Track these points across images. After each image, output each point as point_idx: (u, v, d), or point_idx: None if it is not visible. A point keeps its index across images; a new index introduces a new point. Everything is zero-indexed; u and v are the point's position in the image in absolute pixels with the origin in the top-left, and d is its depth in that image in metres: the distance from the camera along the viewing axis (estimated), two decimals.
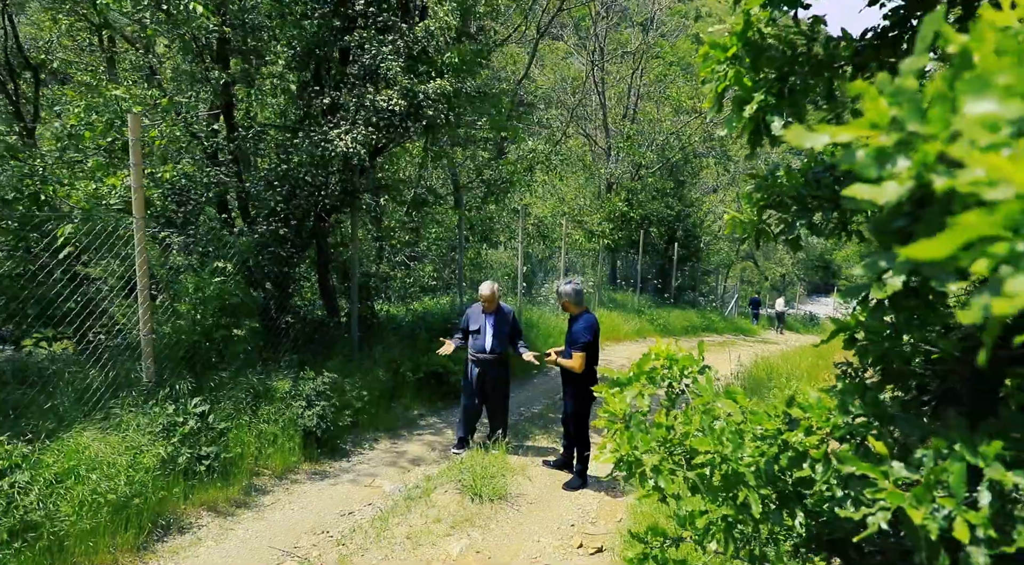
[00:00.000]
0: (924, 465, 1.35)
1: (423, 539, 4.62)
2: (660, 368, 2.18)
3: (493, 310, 6.26)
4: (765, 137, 1.79)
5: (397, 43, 6.63)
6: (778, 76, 1.67)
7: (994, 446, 1.26)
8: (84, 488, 3.87)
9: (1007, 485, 1.25)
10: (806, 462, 1.71)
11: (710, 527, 2.02)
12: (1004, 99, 0.52)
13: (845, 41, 2.09)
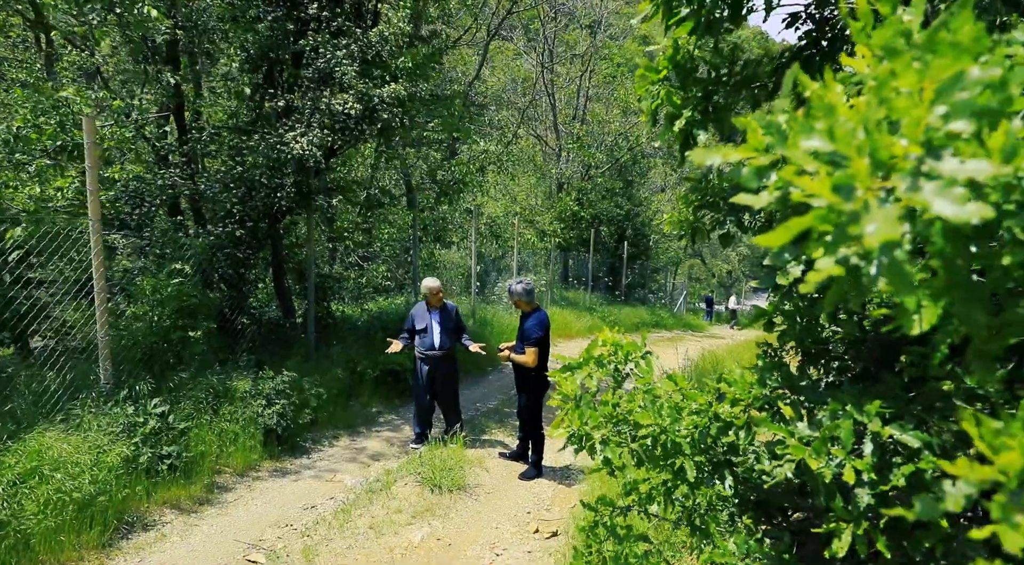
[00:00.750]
0: (823, 425, 1.62)
1: (385, 529, 4.78)
2: (607, 353, 2.42)
3: (439, 306, 6.38)
4: (692, 147, 2.05)
5: (351, 47, 6.75)
6: (703, 95, 1.93)
7: (874, 405, 1.53)
8: (48, 487, 3.92)
9: (884, 436, 1.52)
10: (731, 430, 1.98)
11: (652, 493, 2.28)
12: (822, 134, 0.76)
13: (768, 59, 2.38)
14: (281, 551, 4.34)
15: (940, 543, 1.55)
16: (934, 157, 0.68)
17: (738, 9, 1.73)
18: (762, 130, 0.98)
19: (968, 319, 0.82)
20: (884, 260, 0.67)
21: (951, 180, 0.65)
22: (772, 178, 0.97)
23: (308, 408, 6.35)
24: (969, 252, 0.79)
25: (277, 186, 6.96)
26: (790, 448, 1.56)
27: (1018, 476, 0.69)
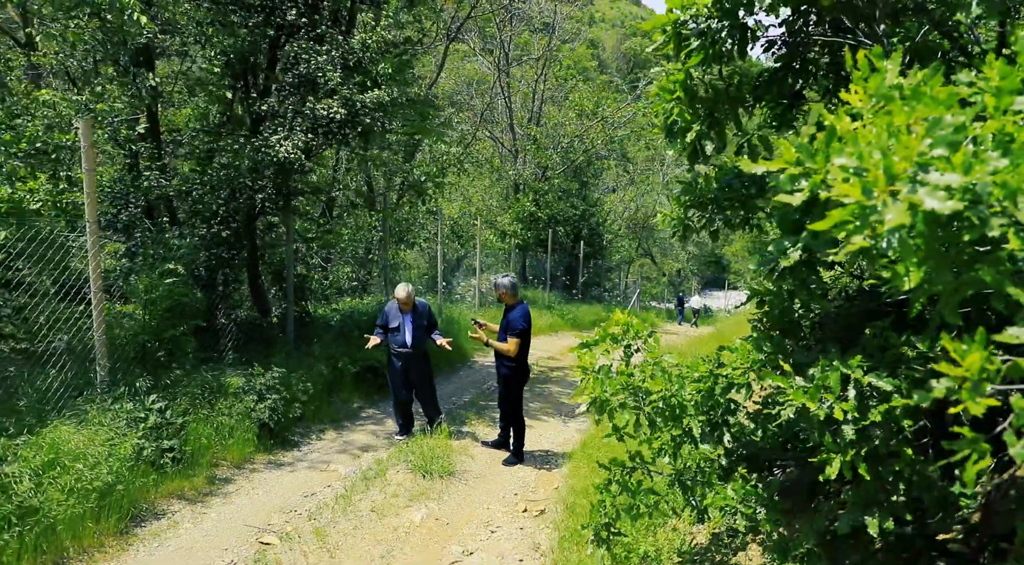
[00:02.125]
0: (815, 377, 2.03)
1: (387, 511, 5.08)
2: (620, 332, 2.81)
3: (409, 310, 6.61)
4: (701, 155, 2.45)
5: (332, 54, 6.98)
6: (708, 111, 2.33)
7: (856, 359, 1.95)
8: (69, 477, 4.08)
9: (864, 383, 1.94)
10: (734, 388, 2.38)
11: (663, 447, 2.67)
12: (850, 157, 1.15)
13: (747, 82, 2.81)
14: (292, 533, 4.59)
15: (906, 467, 1.98)
16: (924, 171, 1.08)
17: (744, 45, 2.14)
18: (794, 148, 1.37)
19: (939, 279, 1.22)
20: (896, 236, 1.06)
21: (935, 186, 1.05)
22: (802, 183, 1.36)
23: (297, 403, 6.56)
24: (939, 234, 1.20)
25: (259, 188, 7.14)
26: (791, 395, 1.97)
27: (977, 373, 1.09)
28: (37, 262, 5.93)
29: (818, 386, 1.96)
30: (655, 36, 2.36)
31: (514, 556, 4.57)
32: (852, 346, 2.22)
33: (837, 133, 1.27)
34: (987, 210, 1.12)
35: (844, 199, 1.14)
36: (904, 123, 1.19)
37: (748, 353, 2.37)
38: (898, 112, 1.19)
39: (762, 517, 2.48)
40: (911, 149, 1.08)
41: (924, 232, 1.15)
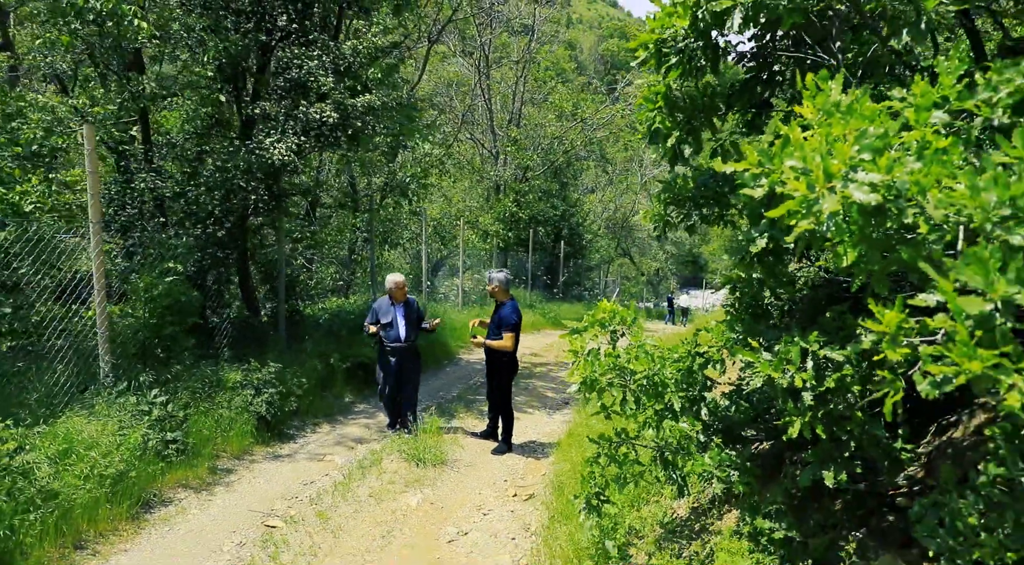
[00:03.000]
0: (779, 352, 2.34)
1: (384, 496, 5.33)
2: (607, 318, 3.10)
3: (402, 301, 6.66)
4: (680, 158, 2.76)
5: (323, 59, 7.21)
6: (686, 118, 2.64)
7: (813, 335, 2.26)
8: (84, 465, 4.28)
9: (820, 356, 2.25)
10: (711, 364, 2.69)
11: (647, 421, 2.97)
12: (797, 160, 1.45)
13: (720, 92, 3.12)
14: (296, 517, 4.82)
15: (857, 427, 2.30)
16: (854, 171, 1.38)
17: (716, 62, 2.44)
18: (756, 151, 1.67)
19: (871, 258, 1.53)
20: (832, 221, 1.36)
21: (862, 183, 1.35)
22: (762, 180, 1.66)
23: (293, 397, 6.77)
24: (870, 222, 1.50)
25: (252, 189, 7.34)
26: (759, 367, 2.27)
27: (895, 329, 1.40)
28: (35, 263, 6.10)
29: (781, 359, 2.26)
30: (639, 52, 2.65)
31: (507, 535, 4.85)
32: (814, 327, 2.53)
33: (791, 140, 1.58)
34: (904, 203, 1.42)
35: (794, 193, 1.44)
36: (841, 133, 1.49)
37: (722, 333, 2.68)
38: (836, 124, 1.50)
39: (736, 479, 2.79)
40: (844, 154, 1.38)
41: (857, 220, 1.46)
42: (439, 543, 4.67)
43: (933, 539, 1.84)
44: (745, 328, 2.62)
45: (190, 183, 7.34)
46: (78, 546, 4.06)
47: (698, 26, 2.23)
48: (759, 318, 2.82)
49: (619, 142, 31.00)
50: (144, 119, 8.08)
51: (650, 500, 4.55)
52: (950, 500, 1.85)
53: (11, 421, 4.17)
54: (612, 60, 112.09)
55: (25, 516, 3.76)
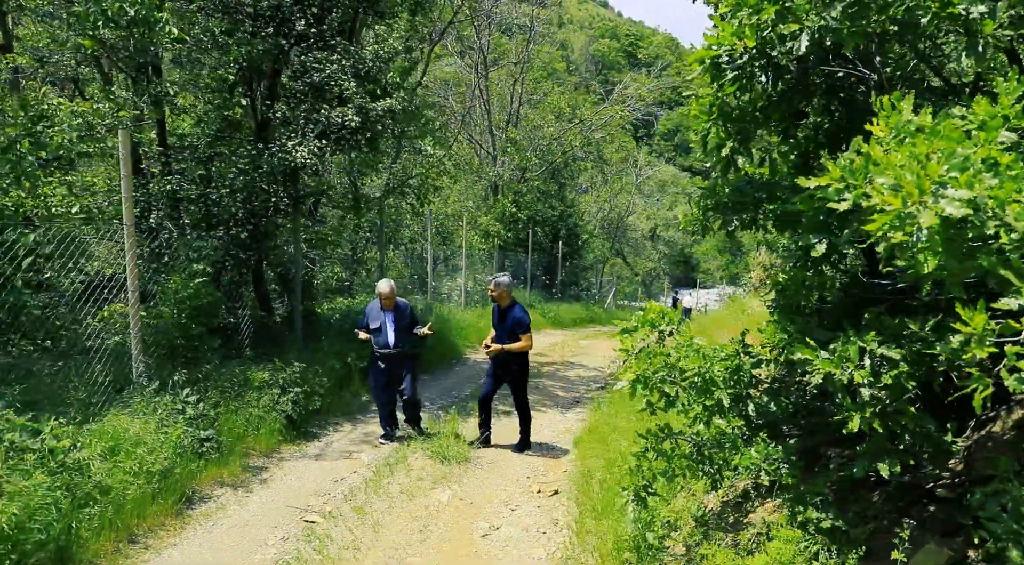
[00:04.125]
0: (836, 350, 2.49)
1: (415, 492, 5.46)
2: (657, 318, 3.25)
3: (391, 307, 6.55)
4: (733, 167, 2.91)
5: (343, 63, 7.33)
6: (738, 130, 2.79)
7: (871, 335, 2.42)
8: (132, 462, 4.39)
9: (877, 354, 2.41)
10: (763, 364, 2.84)
11: (697, 417, 3.12)
12: (888, 177, 1.60)
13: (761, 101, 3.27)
14: (333, 512, 4.95)
15: (910, 421, 2.46)
16: (943, 187, 1.53)
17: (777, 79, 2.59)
18: (839, 167, 1.82)
19: (949, 265, 1.68)
20: (925, 234, 1.52)
21: (952, 198, 1.50)
22: (846, 195, 1.81)
23: (316, 396, 6.89)
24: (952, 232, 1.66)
25: (273, 191, 7.45)
26: (818, 364, 2.43)
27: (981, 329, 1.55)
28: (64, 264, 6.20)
29: (840, 357, 2.42)
30: (693, 66, 2.80)
31: (537, 529, 5.00)
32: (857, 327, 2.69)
33: (873, 158, 1.73)
34: (985, 216, 1.58)
35: (886, 207, 1.60)
36: (924, 152, 1.65)
37: (774, 334, 2.83)
38: (920, 144, 1.65)
39: (785, 472, 2.95)
40: (934, 172, 1.54)
41: (940, 231, 1.61)
42: (473, 537, 4.80)
43: (997, 524, 2.00)
44: (797, 328, 2.78)
45: (211, 185, 7.43)
46: (130, 540, 4.17)
47: (763, 46, 2.38)
48: (810, 318, 2.98)
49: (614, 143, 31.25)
50: (161, 122, 8.17)
51: (679, 494, 4.71)
52: (1012, 488, 2.00)
53: (63, 419, 4.26)
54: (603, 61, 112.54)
55: (83, 511, 3.87)
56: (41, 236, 6.09)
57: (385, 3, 8.04)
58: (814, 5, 2.19)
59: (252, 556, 4.24)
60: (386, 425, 6.82)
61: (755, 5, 2.31)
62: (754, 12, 2.31)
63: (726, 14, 2.62)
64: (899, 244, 1.60)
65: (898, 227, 1.55)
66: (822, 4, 2.19)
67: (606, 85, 51.98)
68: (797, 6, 2.20)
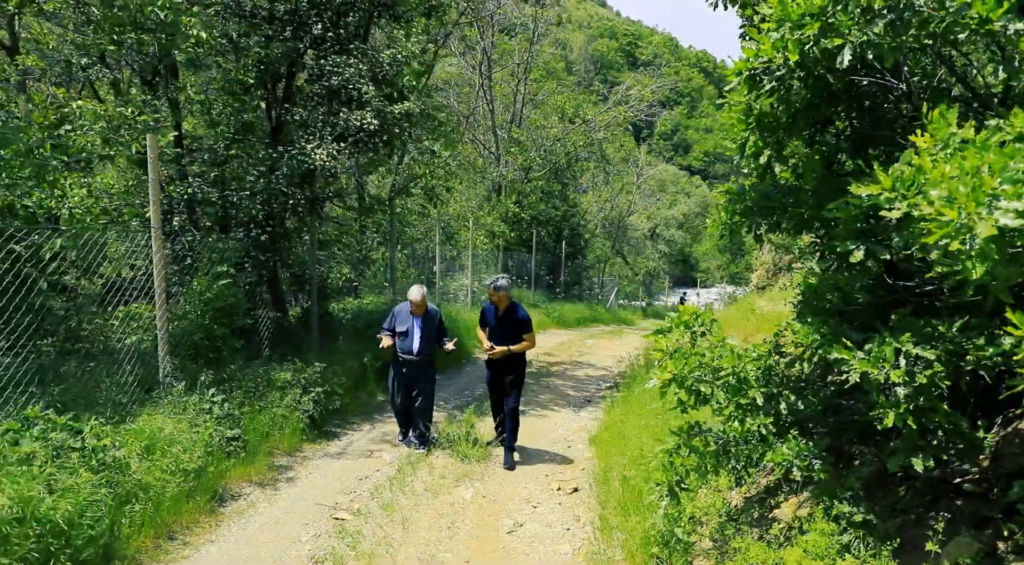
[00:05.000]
0: (872, 351, 2.60)
1: (439, 490, 5.56)
2: (691, 320, 3.36)
3: (421, 313, 6.45)
4: (770, 173, 3.02)
5: (360, 67, 7.42)
6: (776, 140, 2.90)
7: (906, 336, 2.52)
8: (168, 460, 4.49)
9: (912, 354, 2.51)
10: (797, 363, 2.95)
11: (732, 415, 3.23)
12: (942, 189, 1.71)
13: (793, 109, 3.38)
14: (362, 510, 5.05)
15: (943, 418, 2.57)
16: (996, 199, 1.64)
17: (817, 90, 2.70)
18: (889, 177, 1.93)
19: (997, 272, 1.79)
20: (979, 243, 1.62)
21: (1006, 210, 1.61)
22: (896, 204, 1.92)
23: (336, 396, 6.98)
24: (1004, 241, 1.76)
25: (291, 193, 7.54)
26: (855, 364, 2.54)
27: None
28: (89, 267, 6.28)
29: (876, 356, 2.53)
30: (730, 77, 2.91)
31: (561, 526, 5.10)
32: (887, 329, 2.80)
33: (923, 170, 1.84)
34: None
35: (940, 217, 1.70)
36: (973, 165, 1.75)
37: (807, 334, 2.94)
38: (970, 157, 1.76)
39: (818, 467, 3.06)
40: (988, 184, 1.64)
41: (996, 241, 1.72)
42: (499, 534, 4.90)
43: None
44: (831, 329, 2.88)
45: (229, 188, 7.52)
46: (169, 537, 4.27)
47: (805, 62, 2.48)
48: (841, 320, 3.08)
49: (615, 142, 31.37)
50: (177, 125, 8.26)
51: (701, 491, 4.81)
52: None
53: (103, 419, 4.36)
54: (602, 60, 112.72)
55: (125, 508, 3.96)
56: (67, 240, 6.17)
57: (400, 7, 8.13)
58: (856, 21, 2.30)
59: (287, 552, 4.34)
60: (404, 427, 6.81)
61: (797, 21, 2.41)
62: (796, 27, 2.42)
63: (763, 27, 2.72)
64: (947, 251, 1.70)
65: (954, 236, 1.66)
66: (864, 20, 2.29)
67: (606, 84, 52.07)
68: (840, 22, 2.31)
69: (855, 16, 2.30)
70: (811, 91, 2.80)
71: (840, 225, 2.61)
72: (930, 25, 2.24)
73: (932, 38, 2.43)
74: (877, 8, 2.29)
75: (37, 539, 3.24)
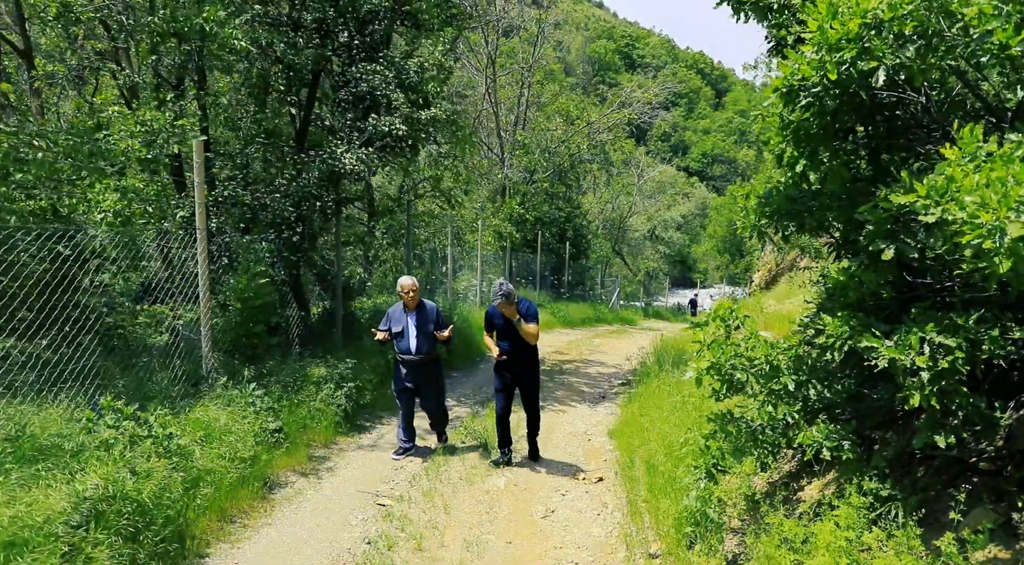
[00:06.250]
0: (899, 340, 2.89)
1: (474, 478, 5.85)
2: (726, 313, 3.64)
3: (415, 308, 6.16)
4: (805, 181, 3.31)
5: (387, 74, 7.71)
6: (811, 151, 3.19)
7: (931, 326, 2.82)
8: (224, 448, 4.76)
9: (936, 342, 2.80)
10: (828, 352, 3.24)
11: (764, 401, 3.52)
12: (976, 196, 2.00)
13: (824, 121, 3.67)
14: (403, 496, 5.33)
15: (964, 399, 2.86)
16: (1022, 204, 1.93)
17: (853, 108, 3.00)
18: (925, 186, 2.22)
19: (1021, 266, 2.07)
20: (1008, 241, 1.91)
21: None
22: (931, 210, 2.21)
23: (366, 391, 7.26)
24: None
25: (319, 196, 7.82)
26: (884, 351, 2.83)
27: None
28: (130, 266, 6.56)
29: (903, 344, 2.82)
30: (767, 93, 3.20)
31: (591, 512, 5.39)
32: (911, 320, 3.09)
33: (955, 180, 2.13)
34: None
35: (974, 220, 1.99)
36: (1001, 175, 2.04)
37: (838, 326, 3.23)
38: (998, 168, 2.05)
39: (846, 448, 3.35)
40: (1015, 193, 1.93)
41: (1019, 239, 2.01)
42: (535, 518, 5.19)
43: None
44: (860, 321, 3.18)
45: (261, 190, 7.79)
46: (229, 520, 4.54)
47: (842, 83, 2.77)
48: (869, 312, 3.37)
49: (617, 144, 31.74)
50: (205, 129, 8.53)
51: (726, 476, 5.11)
52: None
53: (167, 409, 4.63)
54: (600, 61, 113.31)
55: (191, 492, 4.23)
56: (108, 240, 6.44)
57: (422, 16, 8.41)
58: (890, 45, 2.59)
59: (340, 534, 4.62)
60: (403, 436, 6.43)
61: (835, 44, 2.70)
62: (834, 50, 2.71)
63: (800, 48, 3.01)
64: (979, 250, 2.00)
65: (987, 237, 1.95)
66: (897, 45, 2.58)
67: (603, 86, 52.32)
68: (875, 47, 2.60)
69: (889, 41, 2.59)
70: (841, 105, 3.08)
71: (872, 226, 2.90)
72: (956, 50, 2.54)
73: (956, 60, 2.72)
74: (908, 34, 2.58)
75: (126, 517, 3.51)
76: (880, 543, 3.03)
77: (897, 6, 2.57)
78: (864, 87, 2.79)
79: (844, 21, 2.69)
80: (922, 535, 3.03)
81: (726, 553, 4.05)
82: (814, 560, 3.14)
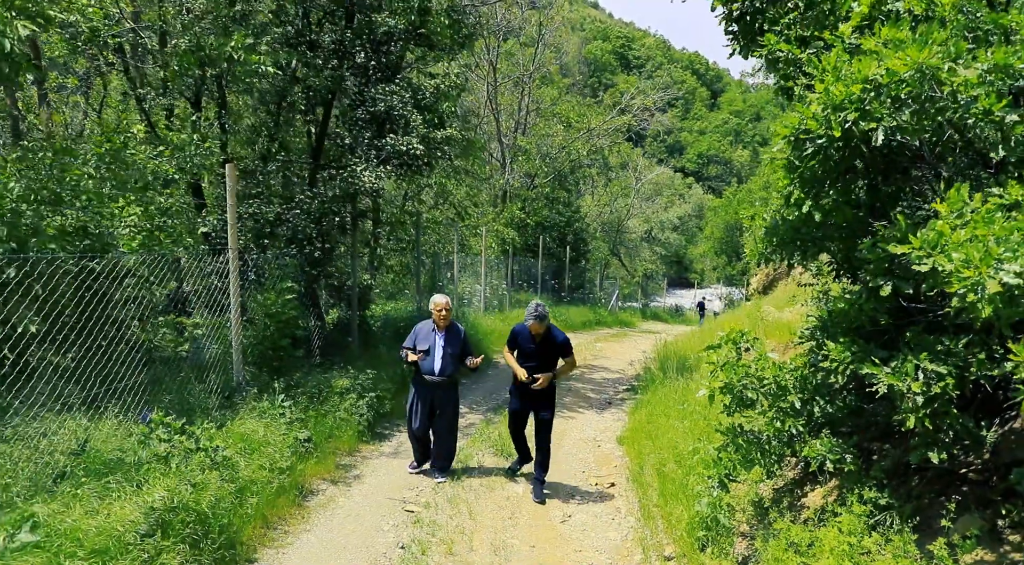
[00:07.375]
0: (896, 367, 3.23)
1: (494, 485, 6.18)
2: (738, 337, 3.98)
3: (445, 328, 6.09)
4: (810, 220, 3.65)
5: (404, 95, 8.03)
6: (815, 192, 3.53)
7: (924, 355, 3.15)
8: (264, 459, 5.07)
9: (929, 369, 3.14)
10: (832, 375, 3.58)
11: (773, 418, 3.86)
12: (961, 254, 2.34)
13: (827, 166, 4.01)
14: (429, 503, 5.65)
15: (954, 419, 3.20)
16: (1000, 263, 2.27)
17: (854, 158, 3.34)
18: (921, 237, 2.55)
19: (1000, 312, 2.41)
20: (989, 291, 2.25)
21: (1008, 270, 2.24)
22: (926, 260, 2.54)
23: (386, 400, 7.58)
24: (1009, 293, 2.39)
25: (337, 212, 8.14)
26: (883, 377, 3.16)
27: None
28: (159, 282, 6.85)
29: (899, 372, 3.16)
30: (775, 140, 3.53)
31: (605, 516, 5.73)
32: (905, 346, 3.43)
33: (943, 236, 2.46)
34: None
35: (959, 274, 2.33)
36: (983, 233, 2.38)
37: (840, 352, 3.57)
38: (980, 227, 2.39)
39: (848, 460, 3.69)
40: (994, 253, 2.27)
41: (999, 293, 2.34)
42: (554, 523, 5.52)
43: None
44: (860, 348, 3.52)
45: (279, 206, 8.10)
46: (272, 527, 4.86)
47: (848, 139, 3.11)
48: (867, 338, 3.71)
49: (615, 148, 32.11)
50: (223, 146, 8.84)
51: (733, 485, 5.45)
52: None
53: (211, 423, 4.94)
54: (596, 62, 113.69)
55: (239, 501, 4.55)
56: (140, 258, 6.73)
57: (435, 38, 8.73)
58: (888, 108, 2.92)
59: (376, 539, 4.94)
60: (419, 455, 6.44)
61: (839, 104, 3.03)
62: (838, 110, 3.04)
63: (807, 99, 3.35)
64: (967, 301, 2.33)
65: (969, 289, 2.28)
66: (894, 109, 2.92)
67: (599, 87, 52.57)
68: (875, 109, 2.93)
69: (887, 104, 2.93)
70: (844, 156, 3.42)
71: (872, 265, 3.23)
72: (947, 113, 2.87)
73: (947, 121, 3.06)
74: (904, 97, 2.91)
75: (188, 526, 3.83)
76: (879, 547, 3.37)
77: (893, 73, 2.91)
78: (865, 141, 3.12)
79: (847, 84, 3.03)
80: (917, 540, 3.37)
81: (737, 556, 4.39)
82: (819, 563, 3.48)
